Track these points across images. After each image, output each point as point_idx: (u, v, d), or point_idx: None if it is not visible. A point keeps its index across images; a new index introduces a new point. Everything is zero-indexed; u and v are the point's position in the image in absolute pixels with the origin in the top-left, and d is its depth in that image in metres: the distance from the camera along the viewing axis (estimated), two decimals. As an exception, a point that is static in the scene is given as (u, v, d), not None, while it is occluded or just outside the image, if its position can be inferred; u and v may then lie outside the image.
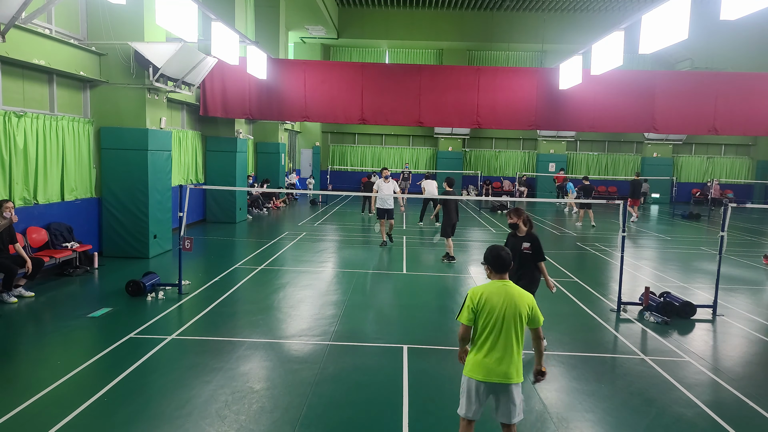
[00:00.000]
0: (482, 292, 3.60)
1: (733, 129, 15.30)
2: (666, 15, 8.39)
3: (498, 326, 3.55)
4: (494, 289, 3.62)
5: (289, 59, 20.98)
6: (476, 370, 3.60)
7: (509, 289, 3.62)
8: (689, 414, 4.94)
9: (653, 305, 7.90)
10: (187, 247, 8.29)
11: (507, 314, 3.55)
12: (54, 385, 5.09)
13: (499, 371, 3.54)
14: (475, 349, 3.65)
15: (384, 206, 12.74)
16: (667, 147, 29.31)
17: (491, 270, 3.72)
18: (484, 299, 3.58)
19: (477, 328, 3.63)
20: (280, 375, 5.56)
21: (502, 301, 3.57)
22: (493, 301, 3.57)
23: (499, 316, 3.55)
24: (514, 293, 3.61)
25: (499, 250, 3.70)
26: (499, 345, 3.55)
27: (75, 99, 10.37)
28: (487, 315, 3.56)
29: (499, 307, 3.56)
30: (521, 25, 27.15)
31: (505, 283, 3.65)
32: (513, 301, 3.58)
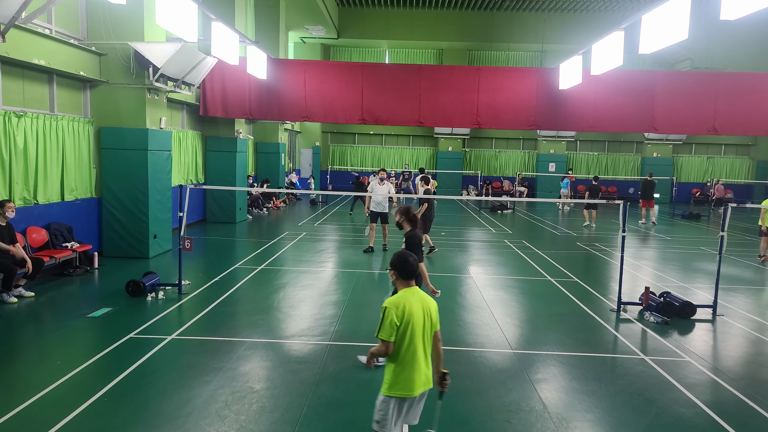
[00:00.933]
0: (402, 303, 3.38)
1: (733, 129, 15.30)
2: (666, 15, 8.39)
3: (418, 336, 3.39)
4: (410, 297, 3.44)
5: (289, 59, 20.98)
6: (405, 387, 3.37)
7: (420, 296, 3.50)
8: (689, 414, 4.95)
9: (653, 305, 7.90)
10: (187, 247, 8.29)
11: (425, 322, 3.43)
12: (54, 385, 5.09)
13: (424, 381, 3.43)
14: (401, 365, 3.38)
15: (377, 209, 12.12)
16: (667, 147, 29.32)
17: (398, 276, 3.52)
18: (407, 311, 3.37)
19: (398, 341, 3.37)
20: (280, 375, 5.56)
21: (420, 310, 3.42)
22: (413, 310, 3.39)
23: (419, 325, 3.40)
24: (425, 299, 3.52)
25: (407, 256, 3.52)
26: (420, 354, 3.40)
27: (75, 99, 10.37)
28: (409, 326, 3.36)
29: (418, 315, 3.40)
30: (521, 25, 27.15)
31: (414, 290, 3.50)
32: (426, 307, 3.47)
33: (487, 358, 6.19)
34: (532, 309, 8.30)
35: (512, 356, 6.24)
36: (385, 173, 12.38)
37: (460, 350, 6.42)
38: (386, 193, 12.11)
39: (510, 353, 6.33)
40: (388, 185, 12.25)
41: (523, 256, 12.33)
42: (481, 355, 6.27)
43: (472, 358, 6.16)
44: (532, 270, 10.92)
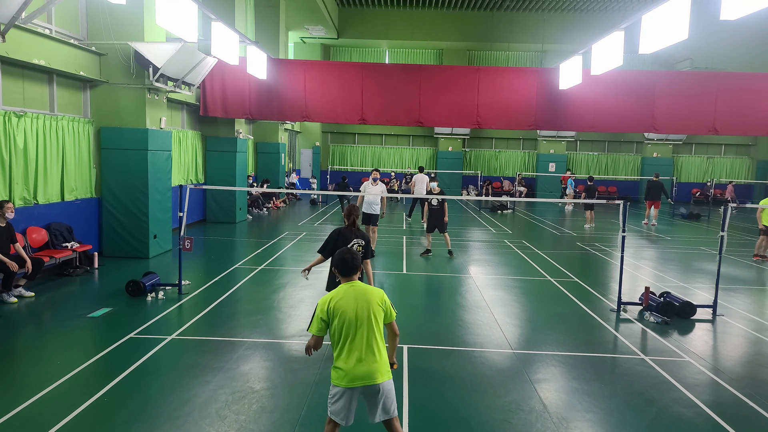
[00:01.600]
0: (330, 299, 3.55)
1: (733, 129, 15.30)
2: (666, 15, 8.39)
3: (353, 329, 3.48)
4: (342, 293, 3.57)
5: (289, 59, 20.98)
6: (341, 378, 3.49)
7: (358, 290, 3.58)
8: (689, 414, 4.95)
9: (653, 305, 7.90)
10: (187, 247, 8.29)
11: (360, 315, 3.49)
12: (54, 385, 5.09)
13: (362, 374, 3.45)
14: (336, 357, 3.53)
15: (369, 210, 11.58)
16: (667, 147, 29.32)
17: (338, 274, 3.69)
18: (332, 306, 3.52)
19: (333, 335, 3.54)
20: (280, 375, 5.56)
21: (353, 304, 3.51)
22: (344, 305, 3.50)
23: (353, 318, 3.48)
24: (363, 292, 3.58)
25: (343, 254, 3.68)
26: (357, 348, 3.46)
27: (75, 99, 10.37)
28: (339, 321, 3.49)
29: (351, 309, 3.50)
30: (521, 25, 27.15)
31: (353, 285, 3.61)
32: (364, 300, 3.54)
33: (487, 358, 6.19)
34: (532, 309, 8.30)
35: (512, 356, 6.24)
36: (378, 173, 11.87)
37: (460, 350, 6.42)
38: (379, 194, 11.59)
39: (510, 353, 6.33)
40: (381, 186, 11.82)
41: (523, 256, 12.33)
42: (481, 355, 6.27)
43: (472, 358, 6.16)
44: (532, 270, 10.92)
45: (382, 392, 3.52)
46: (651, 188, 18.74)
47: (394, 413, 3.62)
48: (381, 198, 11.66)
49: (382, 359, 3.54)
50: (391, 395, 3.59)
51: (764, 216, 12.38)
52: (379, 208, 11.69)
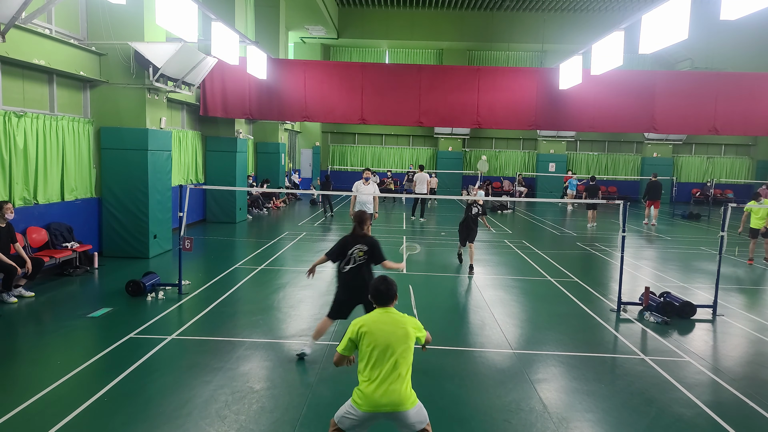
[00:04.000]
0: (362, 324, 3.55)
1: (733, 129, 15.30)
2: (666, 15, 8.39)
3: (381, 356, 3.45)
4: (376, 319, 3.58)
5: (289, 59, 20.98)
6: (363, 402, 3.44)
7: (392, 318, 3.60)
8: (689, 414, 4.95)
9: (653, 305, 7.90)
10: (187, 247, 8.29)
11: (391, 343, 3.47)
12: (54, 385, 5.09)
13: (385, 402, 3.41)
14: (362, 380, 3.49)
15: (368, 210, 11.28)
16: (667, 147, 29.32)
17: (374, 302, 3.68)
18: (364, 330, 3.52)
19: (362, 358, 3.52)
20: (280, 375, 5.56)
21: (386, 331, 3.51)
22: (375, 331, 3.51)
23: (383, 346, 3.47)
24: (398, 320, 3.59)
25: (378, 285, 3.66)
26: (383, 375, 3.43)
27: (75, 99, 10.37)
28: (369, 345, 3.48)
29: (382, 337, 3.49)
30: (521, 25, 27.15)
31: (388, 312, 3.62)
32: (397, 328, 3.54)
33: (487, 358, 6.19)
34: (532, 309, 8.30)
35: (512, 356, 6.24)
36: (370, 173, 11.87)
37: (460, 350, 6.42)
38: (372, 194, 11.57)
39: (510, 353, 6.33)
40: (373, 186, 11.82)
41: (523, 256, 12.33)
42: (481, 355, 6.28)
43: (472, 358, 6.16)
44: (532, 270, 10.92)
45: (407, 416, 3.46)
46: (650, 188, 18.83)
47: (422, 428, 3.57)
48: (373, 198, 11.61)
49: (408, 388, 3.51)
50: (420, 414, 3.54)
51: (752, 218, 12.34)
52: (372, 208, 11.64)
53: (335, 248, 5.82)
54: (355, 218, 5.91)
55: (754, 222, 12.28)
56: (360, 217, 5.85)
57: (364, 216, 5.86)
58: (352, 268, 5.75)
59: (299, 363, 5.86)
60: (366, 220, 5.88)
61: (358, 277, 5.73)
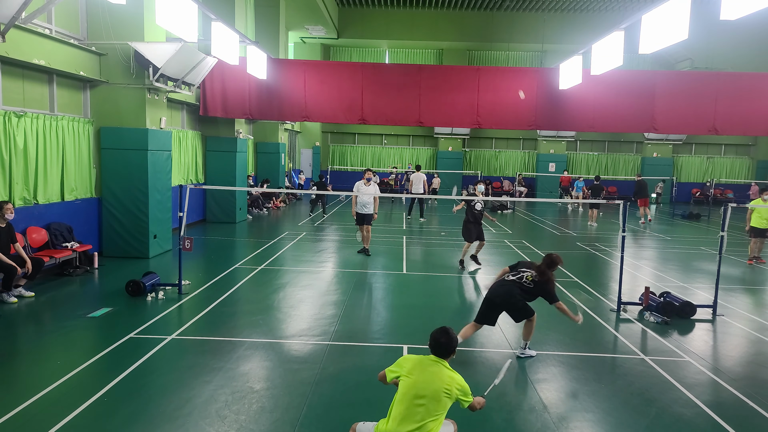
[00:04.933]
0: (411, 362, 3.58)
1: (733, 129, 15.30)
2: (666, 15, 8.39)
3: (413, 401, 3.41)
4: (424, 363, 3.58)
5: (289, 59, 20.98)
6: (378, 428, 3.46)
7: (440, 370, 3.55)
8: (689, 414, 4.95)
9: (653, 305, 7.90)
10: (187, 247, 8.30)
11: (427, 392, 3.43)
12: (54, 385, 5.09)
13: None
14: (389, 415, 3.47)
15: (362, 211, 11.57)
16: (667, 147, 29.32)
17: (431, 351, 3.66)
18: (411, 370, 3.53)
19: (397, 395, 3.52)
20: (280, 375, 5.56)
21: (426, 379, 3.47)
22: (417, 373, 3.50)
23: (420, 393, 3.42)
24: (444, 375, 3.52)
25: (439, 337, 3.62)
26: (409, 419, 3.38)
27: (75, 99, 10.37)
28: (409, 386, 3.46)
29: (420, 382, 3.46)
30: (521, 25, 27.15)
31: (437, 361, 3.59)
32: (442, 382, 3.48)
33: (487, 358, 6.19)
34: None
35: (512, 356, 6.24)
36: (371, 173, 11.83)
37: (460, 350, 6.40)
38: (372, 194, 11.56)
39: (510, 353, 6.33)
40: (374, 186, 11.75)
41: (523, 256, 12.32)
42: (481, 355, 6.28)
43: (472, 358, 6.16)
44: (532, 270, 10.90)
45: None
46: (640, 188, 19.23)
47: None
48: (373, 198, 11.64)
49: None
50: None
51: (753, 217, 12.33)
52: (372, 208, 11.66)
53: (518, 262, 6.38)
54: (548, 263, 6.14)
55: (756, 221, 12.23)
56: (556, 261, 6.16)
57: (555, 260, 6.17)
58: (515, 282, 6.05)
59: (299, 363, 5.85)
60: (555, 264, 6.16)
61: (514, 291, 6.00)
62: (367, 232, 11.87)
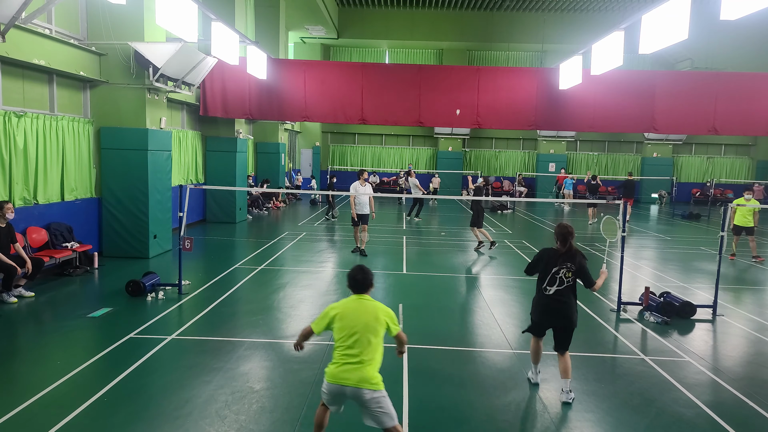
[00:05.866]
0: (339, 310, 3.82)
1: (733, 129, 15.30)
2: (666, 15, 8.39)
3: (351, 339, 3.70)
4: (350, 305, 3.85)
5: (289, 59, 20.98)
6: (331, 376, 3.73)
7: (365, 305, 3.83)
8: (689, 414, 4.95)
9: (653, 305, 7.90)
10: (187, 247, 8.30)
11: (360, 328, 3.71)
12: (54, 385, 5.09)
13: (348, 377, 3.66)
14: (334, 358, 3.78)
15: (360, 211, 11.67)
16: (667, 147, 29.31)
17: (350, 289, 3.94)
18: (339, 315, 3.79)
19: (335, 339, 3.79)
20: (280, 375, 5.56)
21: (357, 317, 3.76)
22: (348, 315, 3.78)
23: (353, 329, 3.71)
24: (371, 308, 3.81)
25: (355, 273, 3.93)
26: (351, 355, 3.68)
27: (75, 99, 10.37)
28: (340, 328, 3.75)
29: (353, 321, 3.74)
30: (521, 25, 27.16)
31: (361, 298, 3.87)
32: (368, 315, 3.77)
33: (487, 358, 6.19)
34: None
35: (512, 356, 6.24)
36: (367, 174, 11.93)
37: (460, 350, 6.41)
38: (369, 194, 11.73)
39: (510, 353, 6.33)
40: (369, 187, 11.91)
41: (523, 256, 12.33)
42: (481, 355, 6.28)
43: (472, 358, 6.16)
44: (532, 270, 10.90)
45: (371, 402, 3.66)
46: (626, 186, 19.43)
47: (389, 425, 3.72)
48: (370, 198, 11.78)
49: (372, 371, 3.70)
50: (385, 409, 3.70)
51: (736, 216, 12.46)
52: (369, 208, 11.76)
53: (533, 262, 5.28)
54: (558, 234, 5.13)
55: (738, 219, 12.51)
56: (561, 232, 5.10)
57: (567, 230, 5.09)
58: (559, 291, 5.08)
59: (299, 363, 5.85)
60: (570, 235, 5.10)
61: (561, 301, 5.08)
62: (364, 232, 11.97)
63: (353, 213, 11.73)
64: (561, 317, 5.10)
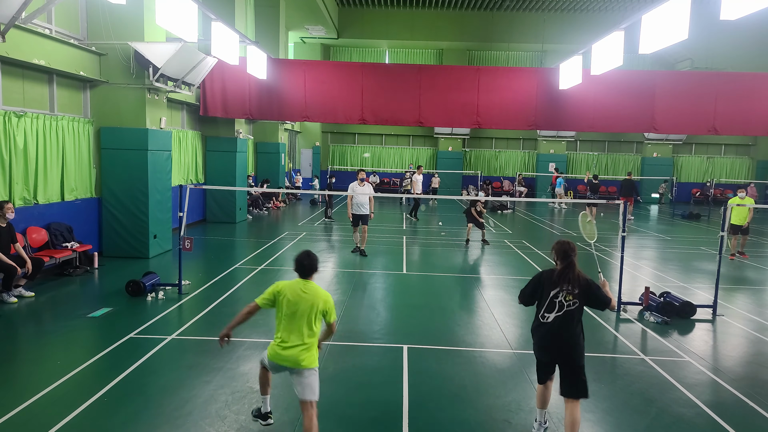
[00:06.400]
0: (283, 287, 4.13)
1: (733, 129, 15.30)
2: (666, 15, 8.39)
3: (292, 319, 4.04)
4: (295, 286, 4.13)
5: (289, 59, 20.98)
6: (272, 354, 4.10)
7: (309, 289, 4.12)
8: (689, 414, 4.95)
9: (653, 305, 7.90)
10: (187, 247, 8.29)
11: (302, 310, 4.03)
12: (54, 385, 5.09)
13: (287, 356, 4.01)
14: (276, 337, 4.12)
15: (358, 212, 11.70)
16: (667, 147, 29.32)
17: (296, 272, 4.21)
18: (284, 292, 4.09)
19: (277, 317, 4.12)
20: (280, 375, 5.54)
21: (300, 299, 4.05)
22: (291, 297, 4.07)
23: (294, 311, 4.04)
24: (312, 293, 4.10)
25: (302, 259, 4.21)
26: (290, 335, 4.03)
27: (75, 99, 10.37)
28: (283, 308, 4.07)
29: (296, 303, 4.05)
30: (521, 25, 27.16)
31: (306, 283, 4.15)
32: (310, 299, 4.06)
33: (487, 358, 6.19)
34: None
35: (512, 356, 6.24)
36: (364, 173, 12.05)
37: (460, 350, 6.41)
38: (367, 196, 11.72)
39: (510, 353, 6.33)
40: (368, 187, 11.89)
41: (523, 256, 12.33)
42: (481, 355, 6.27)
43: (472, 358, 6.16)
44: (533, 270, 10.91)
45: (304, 376, 4.03)
46: (624, 186, 19.75)
47: (308, 398, 4.03)
48: (369, 198, 11.79)
49: (310, 351, 4.05)
50: (313, 384, 4.05)
51: (733, 215, 12.48)
52: (368, 208, 11.78)
53: (528, 288, 4.67)
54: (557, 252, 4.44)
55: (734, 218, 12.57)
56: (563, 249, 4.40)
57: (569, 247, 4.39)
58: (558, 317, 4.35)
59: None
60: (572, 252, 4.38)
61: (562, 329, 4.32)
62: (364, 233, 11.99)
63: (349, 214, 11.77)
64: (561, 351, 4.32)
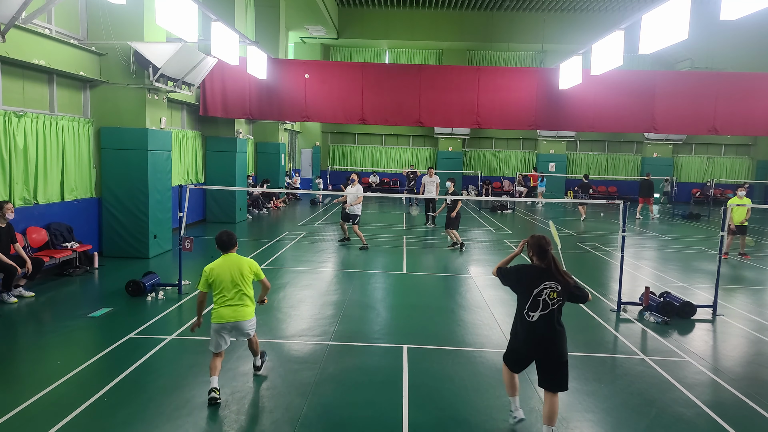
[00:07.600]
0: (212, 267, 5.04)
1: (733, 129, 15.31)
2: (666, 15, 8.39)
3: (227, 286, 4.98)
4: (221, 262, 5.07)
5: (289, 59, 20.98)
6: (217, 317, 4.98)
7: (232, 260, 5.09)
8: (689, 414, 4.95)
9: (653, 305, 7.90)
10: (187, 247, 8.29)
11: (232, 277, 4.99)
12: (54, 385, 5.09)
13: (230, 314, 4.97)
14: (215, 304, 5.02)
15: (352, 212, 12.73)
16: (667, 147, 29.32)
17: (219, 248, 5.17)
18: (213, 271, 5.02)
19: (214, 291, 5.03)
20: (280, 375, 5.55)
21: (228, 269, 5.01)
22: (221, 271, 5.01)
23: (227, 280, 4.98)
24: (236, 261, 5.08)
25: (222, 236, 5.17)
26: (228, 298, 4.98)
27: (75, 99, 10.37)
28: (218, 281, 4.99)
29: (226, 273, 4.99)
30: (521, 25, 27.15)
31: (229, 256, 5.12)
32: (236, 267, 5.03)
33: (487, 358, 6.19)
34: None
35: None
36: (357, 176, 13.04)
37: (460, 350, 6.41)
38: (354, 193, 12.58)
39: (510, 353, 6.32)
40: (357, 187, 12.75)
41: (523, 256, 12.33)
42: (481, 355, 6.27)
43: (472, 358, 6.16)
44: (532, 270, 10.90)
45: (246, 326, 5.07)
46: (643, 186, 20.68)
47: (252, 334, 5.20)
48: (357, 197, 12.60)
49: (248, 307, 5.05)
50: (252, 326, 5.14)
51: (734, 215, 12.51)
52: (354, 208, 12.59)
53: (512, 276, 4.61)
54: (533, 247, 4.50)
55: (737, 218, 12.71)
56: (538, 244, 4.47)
57: (543, 242, 4.49)
58: (544, 316, 4.34)
59: (299, 363, 5.85)
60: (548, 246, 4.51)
61: (547, 328, 4.34)
62: (355, 231, 12.73)
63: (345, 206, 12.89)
64: (548, 350, 4.27)
